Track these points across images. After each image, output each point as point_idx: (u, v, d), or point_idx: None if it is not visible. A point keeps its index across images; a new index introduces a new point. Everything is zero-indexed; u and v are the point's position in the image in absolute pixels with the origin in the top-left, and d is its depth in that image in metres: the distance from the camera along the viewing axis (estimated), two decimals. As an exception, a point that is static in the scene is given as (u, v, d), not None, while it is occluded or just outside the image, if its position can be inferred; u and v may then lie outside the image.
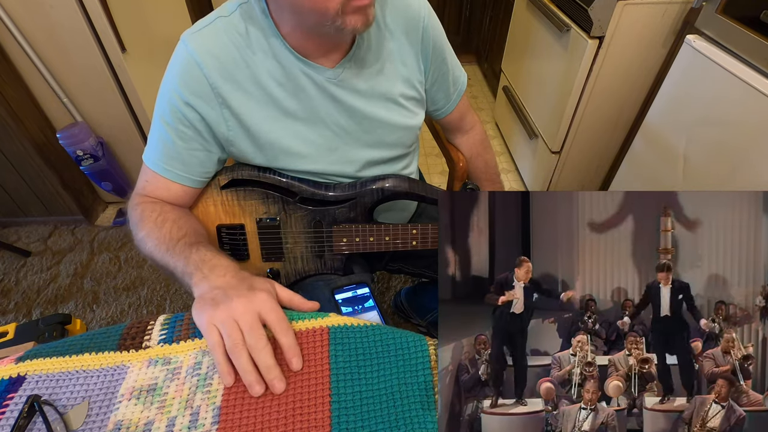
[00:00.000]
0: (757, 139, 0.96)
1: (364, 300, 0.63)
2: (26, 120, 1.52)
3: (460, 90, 0.84)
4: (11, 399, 0.46)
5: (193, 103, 0.64)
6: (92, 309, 1.51)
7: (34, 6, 1.32)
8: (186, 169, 0.68)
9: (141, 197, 0.70)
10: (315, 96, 0.67)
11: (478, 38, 2.84)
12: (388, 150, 0.76)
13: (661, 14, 1.28)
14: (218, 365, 0.47)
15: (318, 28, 0.59)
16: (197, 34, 0.63)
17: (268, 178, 0.73)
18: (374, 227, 0.75)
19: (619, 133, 1.61)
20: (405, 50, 0.72)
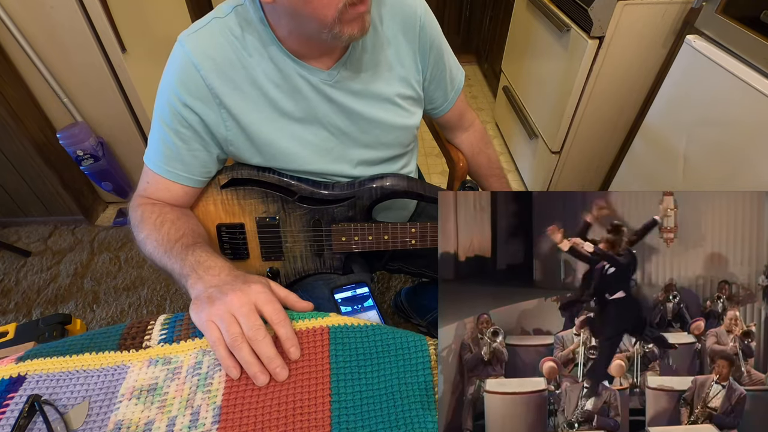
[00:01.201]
0: (757, 139, 0.96)
1: (363, 299, 0.63)
2: (26, 120, 1.52)
3: (457, 88, 0.84)
4: (11, 399, 0.46)
5: (191, 104, 0.64)
6: (92, 309, 1.52)
7: (34, 6, 1.32)
8: (186, 169, 0.68)
9: (142, 198, 0.70)
10: (311, 97, 0.67)
11: (478, 38, 2.84)
12: (386, 150, 0.76)
13: (661, 14, 1.28)
14: (221, 360, 0.47)
15: (315, 34, 0.59)
16: (194, 36, 0.63)
17: (267, 177, 0.73)
18: (373, 226, 0.75)
19: (619, 133, 1.61)
20: (402, 49, 0.72)
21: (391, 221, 0.78)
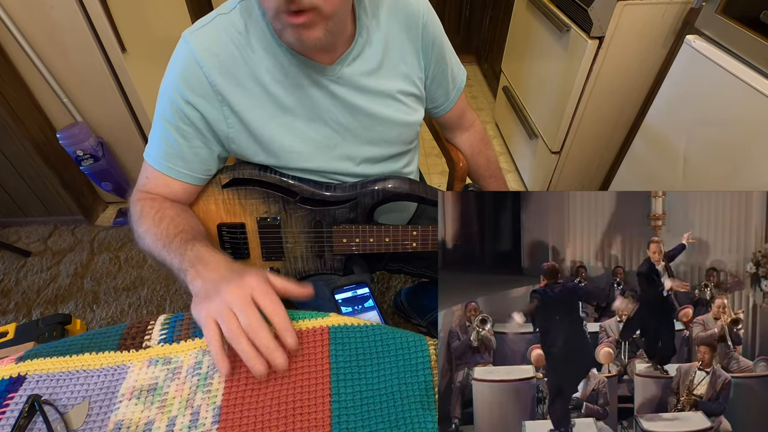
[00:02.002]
0: (757, 139, 0.96)
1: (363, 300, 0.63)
2: (26, 120, 1.52)
3: (459, 87, 0.84)
4: (11, 399, 0.46)
5: (193, 101, 0.64)
6: (92, 309, 1.51)
7: (34, 6, 1.32)
8: (187, 166, 0.68)
9: (141, 193, 0.70)
10: (314, 93, 0.67)
11: (478, 38, 2.84)
12: (388, 147, 0.76)
13: (661, 14, 1.28)
14: (213, 355, 0.47)
15: None
16: (197, 33, 0.63)
17: (269, 177, 0.73)
18: (374, 228, 0.75)
19: (619, 133, 1.61)
20: (405, 47, 0.72)
21: (392, 223, 0.78)
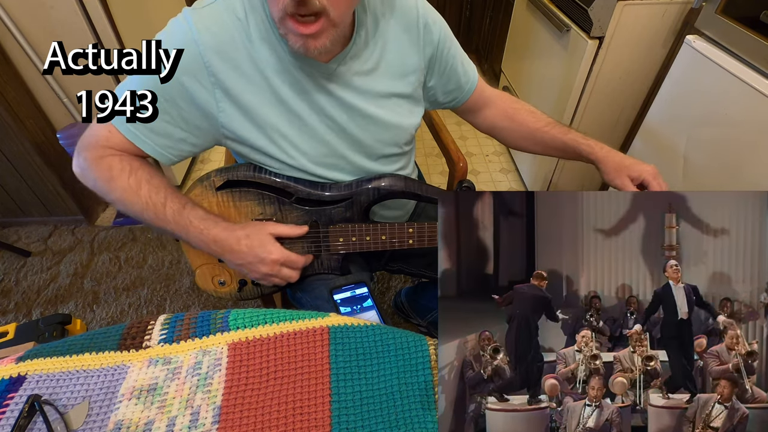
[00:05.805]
0: (757, 139, 0.96)
1: (362, 300, 0.63)
2: (26, 120, 1.52)
3: (473, 80, 0.83)
4: (11, 399, 0.46)
5: (182, 80, 0.63)
6: (92, 309, 1.52)
7: (34, 6, 1.32)
8: (152, 138, 0.66)
9: (104, 149, 0.66)
10: (309, 89, 0.67)
11: (478, 38, 2.84)
12: (382, 148, 0.76)
13: (661, 14, 1.28)
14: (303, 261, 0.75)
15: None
16: (199, 11, 0.63)
17: (263, 178, 0.72)
18: (370, 227, 0.75)
19: (619, 133, 1.61)
20: (405, 49, 0.71)
21: (389, 221, 0.78)
